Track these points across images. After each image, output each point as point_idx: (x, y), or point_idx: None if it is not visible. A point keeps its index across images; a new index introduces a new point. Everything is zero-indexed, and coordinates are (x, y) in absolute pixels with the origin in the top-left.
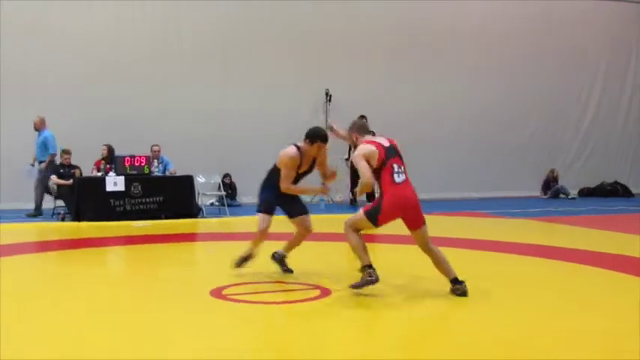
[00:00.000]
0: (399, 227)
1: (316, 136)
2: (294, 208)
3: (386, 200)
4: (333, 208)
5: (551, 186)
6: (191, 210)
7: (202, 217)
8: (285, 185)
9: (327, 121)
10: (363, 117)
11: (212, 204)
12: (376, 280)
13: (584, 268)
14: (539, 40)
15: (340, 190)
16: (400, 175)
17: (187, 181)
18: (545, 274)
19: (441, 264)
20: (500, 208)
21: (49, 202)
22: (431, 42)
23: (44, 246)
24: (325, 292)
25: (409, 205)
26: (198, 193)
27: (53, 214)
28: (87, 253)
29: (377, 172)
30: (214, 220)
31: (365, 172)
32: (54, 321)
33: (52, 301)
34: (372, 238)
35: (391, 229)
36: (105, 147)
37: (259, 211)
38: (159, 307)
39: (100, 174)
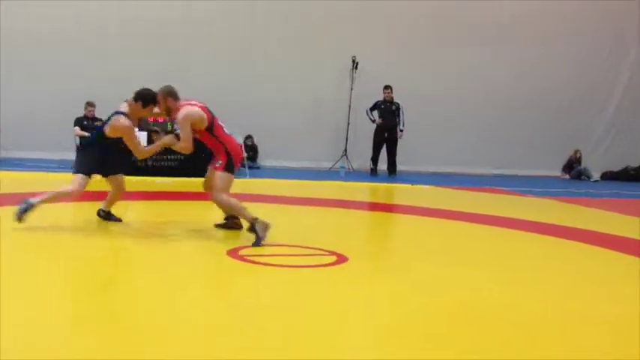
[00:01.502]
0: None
1: (151, 100)
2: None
3: (231, 150)
4: (352, 175)
5: (573, 167)
6: None
7: None
8: (140, 150)
9: (352, 88)
10: (388, 87)
11: None
12: (268, 223)
13: (605, 252)
14: (570, 16)
15: (362, 157)
16: (226, 128)
17: None
18: (564, 255)
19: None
20: (520, 186)
21: (71, 154)
22: (457, 11)
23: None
24: (342, 259)
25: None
26: None
27: None
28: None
29: (209, 131)
30: (234, 180)
31: (188, 138)
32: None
33: (65, 252)
34: (408, 210)
35: (427, 202)
36: (125, 104)
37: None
38: (176, 265)
39: None
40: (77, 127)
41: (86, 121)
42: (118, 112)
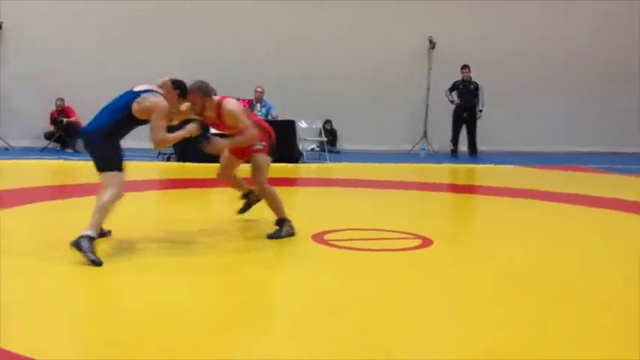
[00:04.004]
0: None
1: (187, 93)
2: None
3: (268, 130)
4: (432, 157)
5: None
6: (292, 155)
7: (303, 162)
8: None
9: (430, 69)
10: (466, 67)
11: (312, 149)
12: (294, 233)
13: None
14: None
15: (442, 138)
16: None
17: (289, 126)
18: None
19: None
20: (613, 163)
21: None
22: None
23: (148, 185)
24: (427, 242)
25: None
26: (300, 139)
27: (159, 154)
28: (190, 193)
29: None
30: (314, 165)
31: (250, 125)
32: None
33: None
34: (491, 191)
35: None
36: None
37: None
38: (266, 252)
39: None
40: None
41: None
42: (149, 91)
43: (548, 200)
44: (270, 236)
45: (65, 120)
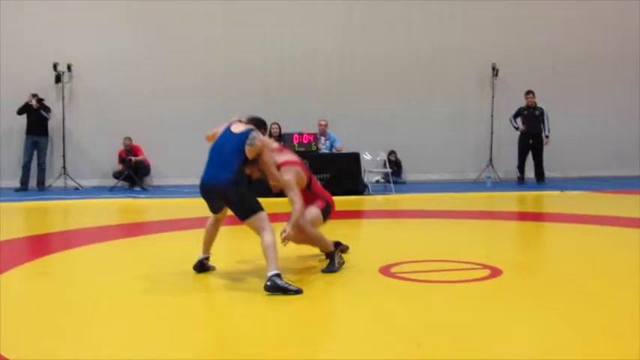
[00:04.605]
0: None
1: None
2: None
3: (331, 201)
4: (499, 185)
5: None
6: (357, 187)
7: (368, 194)
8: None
9: (493, 96)
10: (530, 92)
11: (377, 181)
12: (344, 263)
13: None
14: None
15: (508, 166)
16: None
17: (354, 158)
18: None
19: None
20: None
21: None
22: (591, 13)
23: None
24: (496, 272)
25: None
26: (364, 170)
27: None
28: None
29: (307, 188)
30: (380, 197)
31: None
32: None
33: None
34: (559, 218)
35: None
36: (276, 125)
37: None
38: (330, 284)
39: None
40: None
41: None
42: (251, 130)
43: (618, 225)
44: (325, 271)
45: (133, 159)
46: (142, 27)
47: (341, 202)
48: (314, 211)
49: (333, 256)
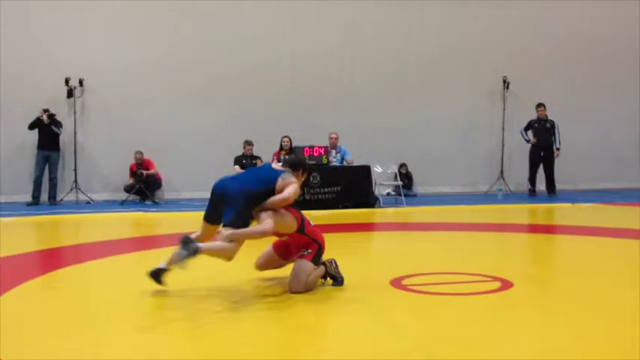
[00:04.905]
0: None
1: (305, 166)
2: None
3: (322, 243)
4: (510, 197)
5: None
6: (368, 200)
7: (379, 207)
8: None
9: (504, 109)
10: (541, 105)
11: (388, 194)
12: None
13: None
14: None
15: (519, 178)
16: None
17: (365, 171)
18: None
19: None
20: None
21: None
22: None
23: None
24: (506, 285)
25: None
26: (375, 183)
27: None
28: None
29: (299, 232)
30: (391, 209)
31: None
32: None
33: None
34: (570, 230)
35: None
36: (287, 138)
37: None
38: (341, 298)
39: (279, 164)
40: (237, 166)
41: (245, 160)
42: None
43: (629, 238)
44: (335, 284)
45: (144, 173)
46: (154, 41)
47: (352, 214)
48: (305, 265)
49: (328, 271)
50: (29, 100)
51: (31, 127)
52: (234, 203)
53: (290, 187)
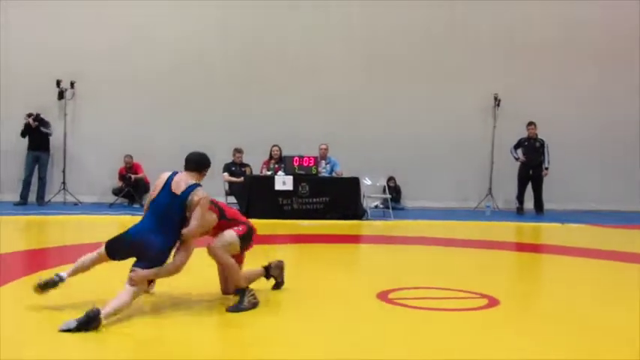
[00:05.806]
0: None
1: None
2: None
3: (252, 225)
4: (498, 215)
5: None
6: (356, 211)
7: (367, 219)
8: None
9: (494, 126)
10: (531, 124)
11: (376, 206)
12: (258, 303)
13: None
14: None
15: (507, 196)
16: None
17: (353, 183)
18: None
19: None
20: None
21: (222, 199)
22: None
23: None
24: (493, 302)
25: None
26: (364, 196)
27: None
28: (255, 249)
29: (222, 218)
30: (379, 222)
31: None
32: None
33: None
34: (558, 250)
35: (578, 241)
36: (276, 147)
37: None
38: (326, 309)
39: (269, 173)
40: (226, 173)
41: (234, 167)
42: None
43: (616, 260)
44: (231, 309)
45: (133, 177)
46: (147, 45)
47: (339, 226)
48: (230, 235)
49: (244, 294)
50: (20, 101)
51: (23, 134)
52: (154, 260)
53: (198, 211)
